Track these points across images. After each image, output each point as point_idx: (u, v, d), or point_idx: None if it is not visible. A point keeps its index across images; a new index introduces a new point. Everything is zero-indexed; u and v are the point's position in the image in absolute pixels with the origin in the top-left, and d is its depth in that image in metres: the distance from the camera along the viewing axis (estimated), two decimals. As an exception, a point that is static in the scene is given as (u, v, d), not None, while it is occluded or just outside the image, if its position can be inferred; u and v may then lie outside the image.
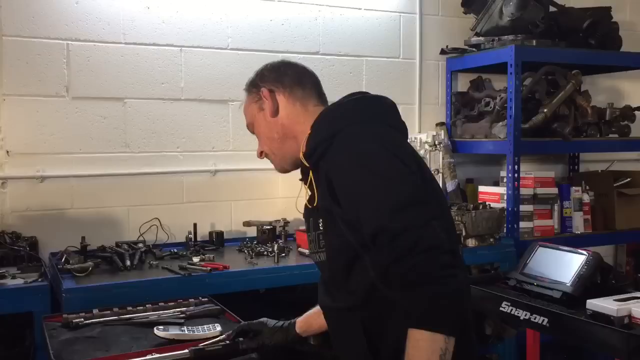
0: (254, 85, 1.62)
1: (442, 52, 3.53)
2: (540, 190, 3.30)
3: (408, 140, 1.57)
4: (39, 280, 2.20)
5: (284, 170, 1.64)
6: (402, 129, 1.55)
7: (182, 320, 1.89)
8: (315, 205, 1.48)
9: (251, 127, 1.66)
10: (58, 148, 2.77)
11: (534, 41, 3.23)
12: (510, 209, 3.14)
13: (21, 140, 2.71)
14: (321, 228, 1.48)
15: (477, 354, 1.57)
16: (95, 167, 2.83)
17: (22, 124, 2.70)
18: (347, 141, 1.40)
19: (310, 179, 1.49)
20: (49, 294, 2.15)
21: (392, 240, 1.24)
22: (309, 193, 1.51)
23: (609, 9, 3.54)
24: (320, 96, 1.63)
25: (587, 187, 3.54)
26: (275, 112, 1.58)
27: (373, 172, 1.33)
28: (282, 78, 1.60)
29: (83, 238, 2.63)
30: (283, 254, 2.68)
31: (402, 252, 1.23)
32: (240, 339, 1.70)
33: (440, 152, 3.38)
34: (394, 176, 1.32)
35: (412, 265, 1.22)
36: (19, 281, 2.18)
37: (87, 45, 2.79)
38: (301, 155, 1.50)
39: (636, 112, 3.61)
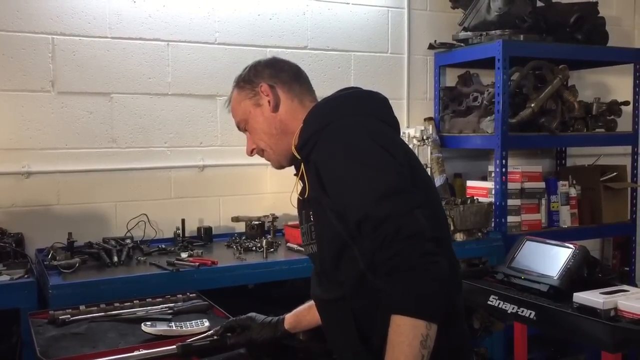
0: (248, 82, 1.60)
1: (430, 47, 3.54)
2: (528, 185, 3.33)
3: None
4: (26, 276, 2.19)
5: (280, 166, 1.63)
6: (394, 123, 1.55)
7: (170, 316, 1.88)
8: (306, 197, 1.49)
9: (243, 124, 1.63)
10: (44, 143, 2.74)
11: (522, 36, 3.24)
12: (498, 203, 3.15)
13: (6, 135, 2.68)
14: (312, 220, 1.49)
15: (470, 346, 1.57)
16: (81, 162, 2.81)
17: (7, 119, 2.68)
18: (335, 132, 1.41)
19: (302, 171, 1.50)
20: (35, 291, 2.14)
21: (375, 228, 1.26)
22: (301, 185, 1.51)
23: (595, 4, 3.55)
24: (313, 93, 1.63)
25: (574, 182, 3.57)
26: (276, 107, 1.56)
27: (358, 162, 1.34)
28: (279, 74, 1.59)
29: (70, 234, 2.60)
30: (272, 249, 2.67)
31: (384, 239, 1.25)
32: (228, 334, 1.70)
33: (429, 147, 3.39)
34: (379, 166, 1.33)
35: (394, 252, 1.23)
36: (5, 278, 2.16)
37: (72, 39, 2.77)
38: (293, 147, 1.51)
39: (622, 107, 3.63)
